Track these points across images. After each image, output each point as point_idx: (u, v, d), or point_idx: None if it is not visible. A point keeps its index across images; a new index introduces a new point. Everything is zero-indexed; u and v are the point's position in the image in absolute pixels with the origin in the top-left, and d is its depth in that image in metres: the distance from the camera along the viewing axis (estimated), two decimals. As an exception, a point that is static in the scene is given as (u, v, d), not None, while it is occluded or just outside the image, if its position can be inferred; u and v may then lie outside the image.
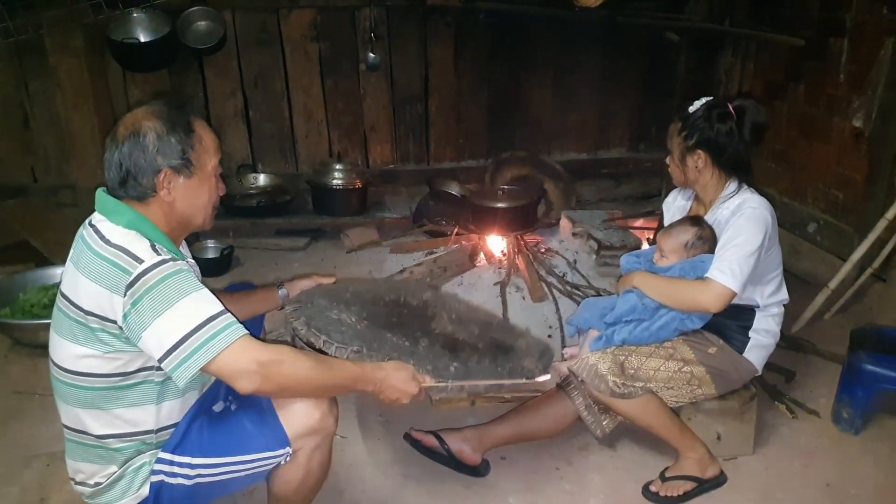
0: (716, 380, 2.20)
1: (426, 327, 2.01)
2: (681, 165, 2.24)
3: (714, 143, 2.16)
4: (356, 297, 2.03)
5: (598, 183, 4.91)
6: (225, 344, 1.43)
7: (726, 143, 2.15)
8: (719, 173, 2.20)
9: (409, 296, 2.20)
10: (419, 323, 2.02)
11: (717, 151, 2.16)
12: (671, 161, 2.28)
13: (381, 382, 1.63)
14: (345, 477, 2.26)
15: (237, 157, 4.49)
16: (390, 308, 2.06)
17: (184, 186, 1.57)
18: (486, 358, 1.93)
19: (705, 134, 2.16)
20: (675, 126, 2.24)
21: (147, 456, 1.58)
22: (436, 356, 1.83)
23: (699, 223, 2.22)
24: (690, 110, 2.20)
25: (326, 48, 4.36)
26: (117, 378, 1.52)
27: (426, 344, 1.87)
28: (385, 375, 1.64)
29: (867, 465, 2.37)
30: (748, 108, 2.17)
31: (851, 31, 3.38)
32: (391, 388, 1.64)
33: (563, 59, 4.61)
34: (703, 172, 2.20)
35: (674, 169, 2.29)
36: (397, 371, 1.66)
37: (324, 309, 1.88)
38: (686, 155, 2.20)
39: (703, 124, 2.16)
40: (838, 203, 3.58)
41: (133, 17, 3.90)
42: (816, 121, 3.68)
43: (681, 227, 2.23)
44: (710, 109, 2.17)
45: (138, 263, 1.44)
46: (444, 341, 1.95)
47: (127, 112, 1.60)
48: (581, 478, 2.30)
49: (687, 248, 2.19)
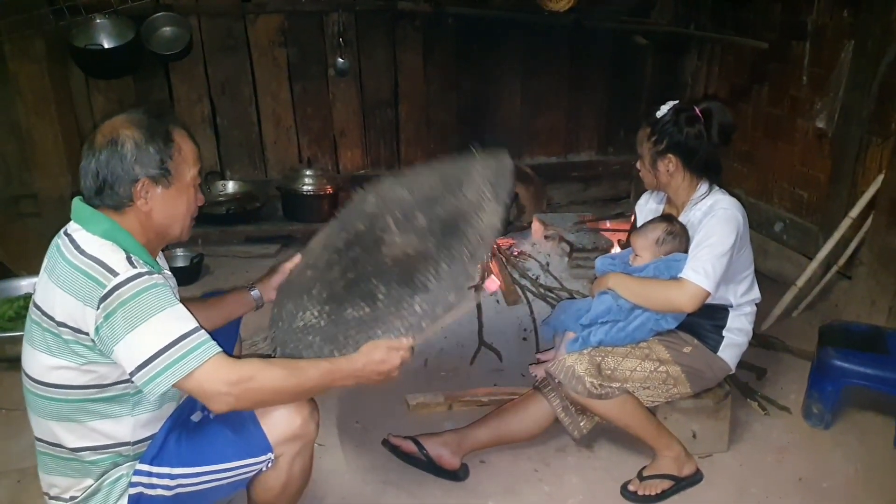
0: (691, 379, 2.23)
1: (378, 261, 1.88)
2: (652, 170, 2.26)
3: (684, 146, 2.18)
4: (315, 271, 1.94)
5: (568, 186, 4.95)
6: (197, 363, 1.41)
7: (696, 147, 2.18)
8: (690, 176, 2.23)
9: (355, 221, 2.05)
10: (371, 259, 1.89)
11: (687, 155, 2.19)
12: (642, 166, 2.30)
13: (360, 372, 1.60)
14: (324, 484, 2.24)
15: (205, 164, 4.36)
16: (344, 259, 1.94)
17: (161, 197, 1.55)
18: (442, 259, 1.78)
19: (675, 138, 2.18)
20: (644, 131, 2.26)
21: (124, 468, 1.55)
22: (398, 303, 1.72)
23: (669, 220, 2.25)
24: (658, 115, 2.23)
25: (294, 53, 4.33)
26: (93, 390, 1.49)
27: (384, 292, 1.76)
28: (362, 365, 1.60)
29: (837, 458, 2.42)
30: (714, 110, 2.21)
31: (812, 34, 3.47)
32: (373, 372, 1.61)
33: (532, 64, 4.64)
34: (674, 176, 2.23)
35: (645, 174, 2.31)
36: (371, 354, 1.61)
37: (292, 319, 1.83)
38: (657, 159, 2.23)
39: (671, 129, 2.18)
40: (803, 202, 3.66)
41: (96, 23, 3.82)
42: (781, 122, 3.76)
43: (652, 225, 2.27)
44: (678, 113, 2.20)
45: (113, 276, 1.41)
46: (399, 272, 1.81)
47: (93, 120, 1.56)
48: (559, 479, 2.31)
49: (658, 245, 2.21)
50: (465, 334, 3.00)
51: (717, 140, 2.19)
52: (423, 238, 1.88)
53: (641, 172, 2.32)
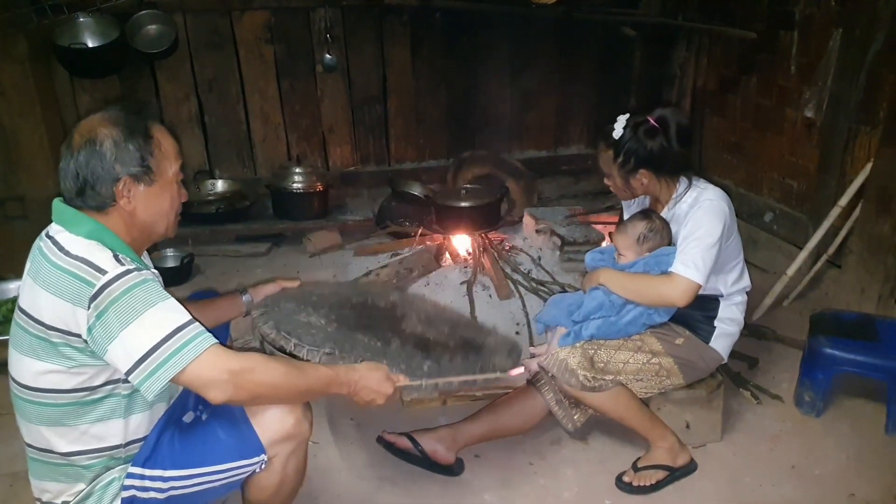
0: (683, 370, 2.23)
1: (396, 328, 2.00)
2: (626, 188, 2.27)
3: (651, 160, 2.18)
4: (323, 300, 2.00)
5: (558, 180, 4.95)
6: (194, 354, 1.39)
7: (662, 156, 2.17)
8: (666, 180, 2.24)
9: (376, 298, 2.18)
10: (389, 324, 2.01)
11: (657, 166, 2.19)
12: (613, 185, 2.31)
13: (355, 384, 1.61)
14: (319, 482, 2.23)
15: (193, 163, 4.39)
16: (358, 310, 2.04)
17: (144, 194, 1.53)
18: (457, 356, 1.92)
19: (640, 154, 2.17)
20: (607, 154, 2.27)
21: (116, 471, 1.54)
22: (408, 356, 1.82)
23: (648, 216, 2.25)
24: (616, 135, 2.21)
25: (281, 50, 4.30)
26: (82, 393, 1.47)
27: (398, 344, 1.86)
28: (359, 377, 1.62)
29: (829, 445, 2.44)
30: (668, 116, 2.19)
31: (800, 23, 3.48)
32: (366, 389, 1.63)
33: (521, 57, 4.63)
34: (649, 186, 2.25)
35: (619, 191, 2.33)
36: (371, 372, 1.64)
37: (292, 312, 1.85)
38: (628, 178, 2.23)
39: (634, 146, 2.17)
40: (792, 192, 3.67)
41: (80, 22, 3.79)
42: (769, 112, 3.77)
43: (631, 223, 2.26)
44: (636, 128, 2.18)
45: (101, 275, 1.40)
46: (415, 341, 1.94)
47: (78, 119, 1.54)
48: (554, 471, 2.32)
49: (640, 242, 2.21)
50: (458, 329, 3.00)
51: (677, 146, 2.18)
52: (442, 336, 2.04)
53: (613, 189, 2.34)
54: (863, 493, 2.20)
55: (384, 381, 1.65)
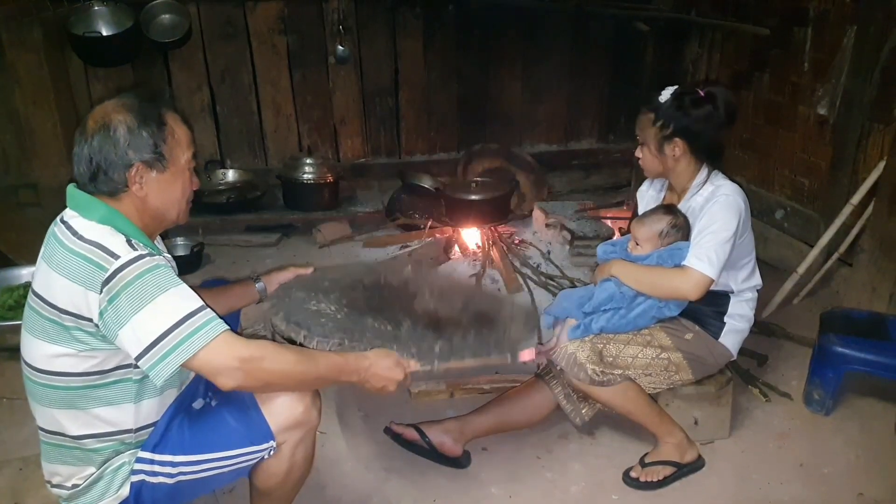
0: (692, 365, 2.23)
1: (408, 307, 1.97)
2: (659, 155, 2.23)
3: (691, 129, 2.16)
4: (335, 284, 1.99)
5: (568, 174, 4.94)
6: (206, 340, 1.40)
7: (702, 129, 2.16)
8: (694, 160, 2.22)
9: (388, 276, 2.15)
10: (400, 303, 1.98)
11: (694, 138, 2.17)
12: (645, 152, 2.27)
13: (365, 372, 1.61)
14: (326, 472, 2.24)
15: (205, 152, 4.41)
16: (370, 292, 2.02)
17: (156, 181, 1.53)
18: (470, 333, 1.88)
19: (682, 122, 2.16)
20: (648, 117, 2.23)
21: (126, 456, 1.55)
22: (419, 337, 1.79)
23: (672, 212, 2.23)
24: (661, 100, 2.20)
25: (294, 41, 4.31)
26: (94, 377, 1.48)
27: (409, 325, 1.84)
28: (369, 364, 1.62)
29: (838, 444, 2.43)
30: (718, 91, 2.18)
31: (814, 19, 3.45)
32: (376, 376, 1.63)
33: (533, 51, 4.62)
34: (679, 160, 2.21)
35: (650, 160, 2.27)
36: (381, 359, 1.64)
37: (302, 302, 1.85)
38: (664, 144, 2.20)
39: (678, 112, 2.16)
40: (804, 190, 3.65)
41: (94, 11, 3.81)
42: (782, 109, 3.75)
43: (655, 216, 2.25)
44: (683, 97, 2.18)
45: (114, 259, 1.40)
46: (426, 320, 1.90)
47: (92, 107, 1.55)
48: (562, 466, 2.32)
49: (662, 237, 2.20)
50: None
51: (724, 120, 2.17)
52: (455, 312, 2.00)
53: (642, 160, 2.29)
54: (871, 493, 2.19)
55: (394, 368, 1.64)
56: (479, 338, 1.87)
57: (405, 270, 2.22)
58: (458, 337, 1.84)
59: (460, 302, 2.10)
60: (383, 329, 1.79)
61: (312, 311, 1.79)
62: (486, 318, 2.02)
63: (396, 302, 1.99)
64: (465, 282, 2.37)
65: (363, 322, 1.80)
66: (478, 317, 2.02)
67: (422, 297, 2.06)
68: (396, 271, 2.22)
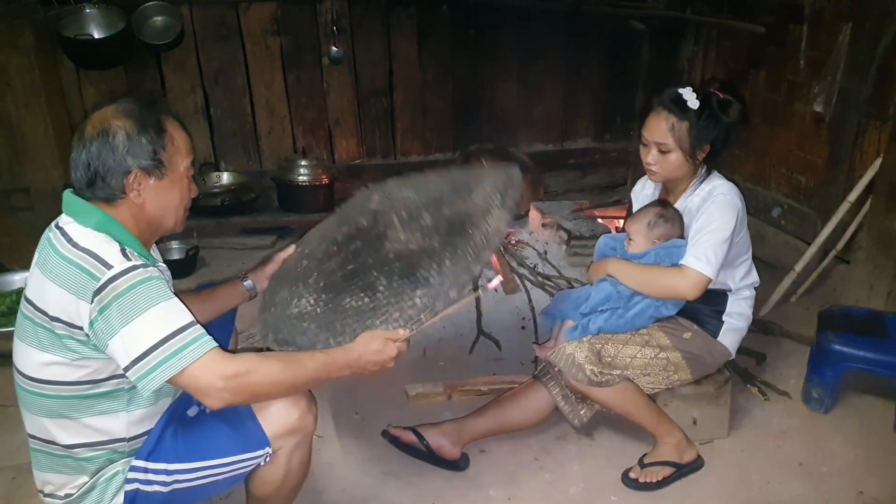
0: (691, 365, 2.22)
1: (380, 254, 1.88)
2: (688, 160, 2.14)
3: (724, 134, 2.13)
4: (312, 262, 1.94)
5: (565, 174, 4.92)
6: (191, 359, 1.39)
7: (733, 132, 2.13)
8: (705, 160, 2.19)
9: (358, 216, 2.05)
10: (373, 252, 1.89)
11: (723, 142, 2.14)
12: (667, 157, 2.14)
13: (356, 363, 1.59)
14: (323, 477, 2.23)
15: (199, 155, 4.37)
16: (344, 251, 1.94)
17: (154, 188, 1.52)
18: (445, 258, 1.77)
19: (717, 127, 2.11)
20: (680, 123, 2.10)
21: (120, 465, 1.53)
22: (398, 295, 1.73)
23: (663, 205, 2.23)
24: (691, 104, 2.09)
25: (288, 42, 4.28)
26: (86, 386, 1.47)
27: (385, 284, 1.77)
28: (358, 355, 1.59)
29: (837, 442, 2.42)
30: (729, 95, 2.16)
31: (810, 17, 3.44)
32: (369, 362, 1.61)
33: (528, 50, 4.60)
34: (698, 163, 2.18)
35: (675, 165, 2.15)
36: (368, 344, 1.61)
37: (285, 306, 1.82)
38: (696, 149, 2.13)
39: (712, 118, 2.09)
40: (801, 187, 3.65)
41: (86, 13, 3.77)
42: (778, 106, 3.74)
43: (644, 210, 2.25)
44: (711, 100, 2.11)
45: (107, 269, 1.39)
46: (401, 266, 1.81)
47: (84, 112, 1.53)
48: (560, 467, 2.31)
49: (650, 228, 2.19)
50: (464, 324, 2.99)
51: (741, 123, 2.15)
52: (427, 235, 1.88)
53: (660, 164, 2.16)
54: (871, 491, 2.19)
55: (385, 347, 1.61)
56: (456, 262, 1.76)
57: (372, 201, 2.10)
58: (436, 273, 1.74)
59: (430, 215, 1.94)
60: (362, 304, 1.73)
61: (294, 317, 1.76)
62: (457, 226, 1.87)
63: (368, 251, 1.89)
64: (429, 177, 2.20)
65: (342, 306, 1.74)
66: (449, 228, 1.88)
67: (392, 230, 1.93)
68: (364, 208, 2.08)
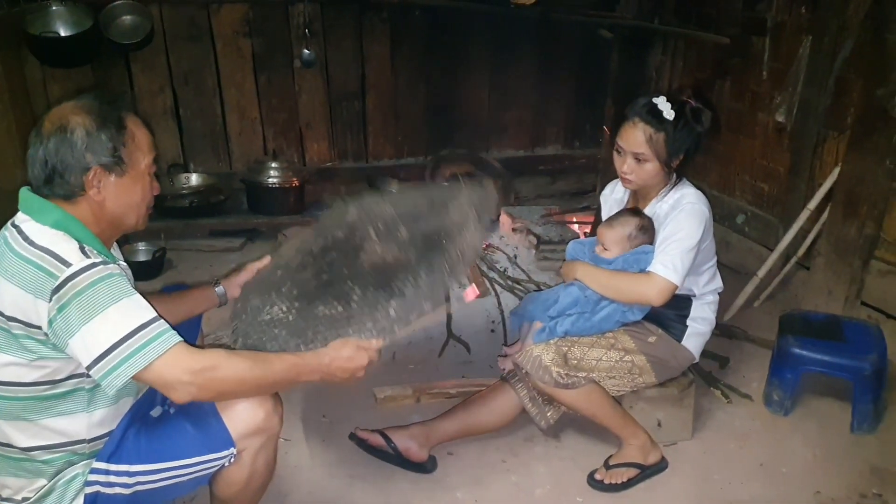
0: (655, 368, 2.25)
1: (355, 266, 1.89)
2: (664, 170, 2.18)
3: (698, 142, 2.16)
4: (286, 271, 1.94)
5: (535, 179, 4.96)
6: (157, 353, 1.37)
7: (703, 141, 2.17)
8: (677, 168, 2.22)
9: (334, 229, 2.05)
10: (348, 263, 1.90)
11: (694, 150, 2.18)
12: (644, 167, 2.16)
13: (326, 368, 1.59)
14: (289, 480, 2.21)
15: (168, 156, 4.33)
16: (319, 262, 1.94)
17: (115, 185, 1.50)
18: (421, 269, 1.80)
19: (692, 136, 2.14)
20: (656, 133, 2.12)
21: (80, 467, 1.50)
22: (372, 305, 1.73)
23: (639, 214, 2.26)
24: (667, 115, 2.11)
25: (259, 44, 4.26)
26: (44, 387, 1.44)
27: (359, 295, 1.77)
28: (329, 360, 1.59)
29: (796, 443, 2.47)
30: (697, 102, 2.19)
31: (772, 30, 3.52)
32: (340, 369, 1.60)
33: (499, 57, 4.64)
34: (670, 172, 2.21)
35: (651, 173, 2.17)
36: (340, 350, 1.60)
37: (256, 313, 1.81)
38: (672, 160, 2.16)
39: (688, 127, 2.13)
40: (764, 195, 3.73)
41: (52, 11, 3.72)
42: (742, 116, 3.82)
43: (622, 219, 2.26)
44: (685, 109, 2.13)
45: (65, 267, 1.37)
46: (376, 277, 1.82)
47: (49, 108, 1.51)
48: (527, 469, 2.32)
49: (630, 240, 2.22)
50: (434, 327, 2.99)
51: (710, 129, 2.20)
52: (403, 249, 1.90)
53: (635, 173, 2.18)
54: (828, 491, 2.24)
55: (356, 355, 1.61)
56: (432, 275, 1.78)
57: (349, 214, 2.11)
58: (411, 285, 1.76)
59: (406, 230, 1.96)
60: (335, 313, 1.73)
61: (266, 324, 1.75)
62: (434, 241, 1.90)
63: (344, 262, 1.90)
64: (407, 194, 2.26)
65: (314, 314, 1.74)
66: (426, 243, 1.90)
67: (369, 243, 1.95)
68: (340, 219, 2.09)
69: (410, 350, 2.95)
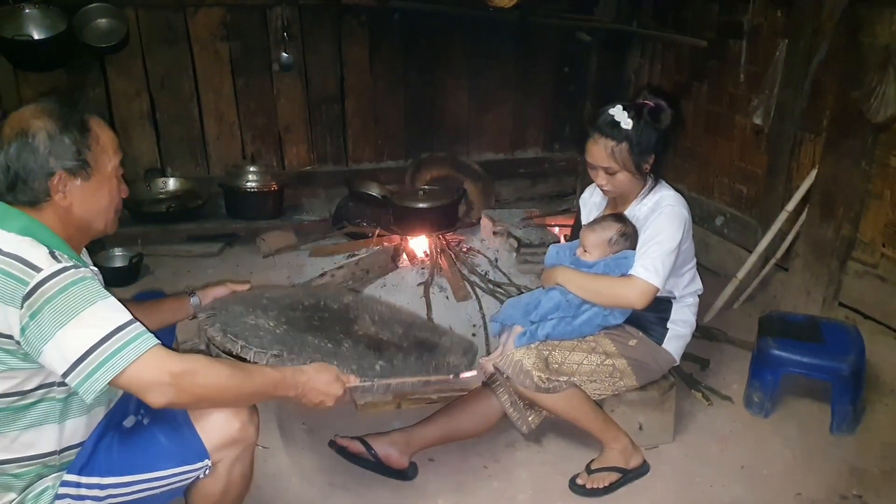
0: (636, 371, 2.25)
1: (348, 329, 1.96)
2: (635, 175, 2.18)
3: (664, 140, 2.17)
4: (273, 302, 1.96)
5: (515, 182, 4.96)
6: (135, 355, 1.34)
7: (671, 136, 2.18)
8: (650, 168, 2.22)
9: (328, 300, 2.14)
10: (341, 325, 1.97)
11: (664, 147, 2.18)
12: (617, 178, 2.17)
13: (303, 386, 1.57)
14: (268, 489, 2.18)
15: (144, 160, 4.28)
16: (310, 312, 2.00)
17: (81, 189, 1.47)
18: (411, 356, 1.90)
19: (654, 136, 2.14)
20: (610, 144, 2.13)
21: (50, 479, 1.46)
22: (360, 356, 1.78)
23: (622, 220, 2.25)
24: (625, 125, 2.11)
25: (237, 47, 4.22)
26: (13, 398, 1.40)
27: (349, 345, 1.82)
28: (307, 379, 1.57)
29: (777, 445, 2.49)
30: (659, 100, 2.19)
31: (749, 33, 3.54)
32: (314, 390, 1.58)
33: (478, 60, 4.63)
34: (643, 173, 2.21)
35: (625, 182, 2.19)
36: (320, 373, 1.60)
37: (240, 315, 1.80)
38: (641, 164, 2.16)
39: (649, 129, 2.13)
40: (742, 197, 3.75)
41: (25, 13, 3.66)
42: (720, 118, 3.85)
43: (605, 224, 2.26)
44: (640, 113, 2.14)
45: (35, 272, 1.33)
46: (367, 342, 1.90)
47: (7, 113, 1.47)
48: (509, 474, 2.31)
49: (611, 245, 2.22)
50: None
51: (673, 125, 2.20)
52: (397, 337, 2.03)
53: (611, 183, 2.20)
54: (809, 492, 2.25)
55: (333, 383, 1.61)
56: (420, 361, 1.89)
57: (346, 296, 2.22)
58: (399, 358, 1.85)
59: (401, 328, 2.11)
60: (323, 345, 1.76)
61: (250, 325, 1.74)
62: (426, 345, 2.04)
63: (336, 324, 1.97)
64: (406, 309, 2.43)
65: (302, 338, 1.76)
66: (418, 342, 2.04)
67: (363, 321, 2.05)
68: (337, 296, 2.21)
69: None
